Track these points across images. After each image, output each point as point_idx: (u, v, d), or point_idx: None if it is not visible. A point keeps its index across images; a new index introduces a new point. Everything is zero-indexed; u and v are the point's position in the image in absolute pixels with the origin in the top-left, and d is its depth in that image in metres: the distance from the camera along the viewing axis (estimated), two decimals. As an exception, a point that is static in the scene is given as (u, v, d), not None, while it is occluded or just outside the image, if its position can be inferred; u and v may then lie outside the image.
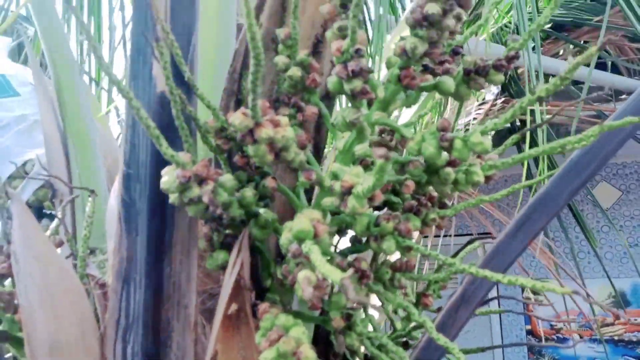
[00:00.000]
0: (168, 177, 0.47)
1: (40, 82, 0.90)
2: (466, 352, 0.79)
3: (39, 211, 0.94)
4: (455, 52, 0.60)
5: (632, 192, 3.06)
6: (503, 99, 2.04)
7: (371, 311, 0.94)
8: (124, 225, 0.59)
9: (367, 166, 0.69)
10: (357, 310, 0.61)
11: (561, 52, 2.70)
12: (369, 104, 0.61)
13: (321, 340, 0.85)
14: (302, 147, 0.63)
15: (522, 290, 3.29)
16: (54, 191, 0.86)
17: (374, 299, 0.71)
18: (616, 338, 2.93)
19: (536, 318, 2.94)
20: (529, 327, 3.21)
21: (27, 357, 0.55)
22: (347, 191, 0.48)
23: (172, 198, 0.49)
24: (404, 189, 0.61)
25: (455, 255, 0.84)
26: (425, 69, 0.58)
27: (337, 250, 0.68)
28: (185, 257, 0.62)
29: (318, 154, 0.74)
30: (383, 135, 0.68)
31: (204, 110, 0.60)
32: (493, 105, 1.97)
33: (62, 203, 0.70)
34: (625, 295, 2.86)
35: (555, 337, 2.87)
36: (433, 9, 0.45)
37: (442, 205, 0.70)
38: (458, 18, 0.50)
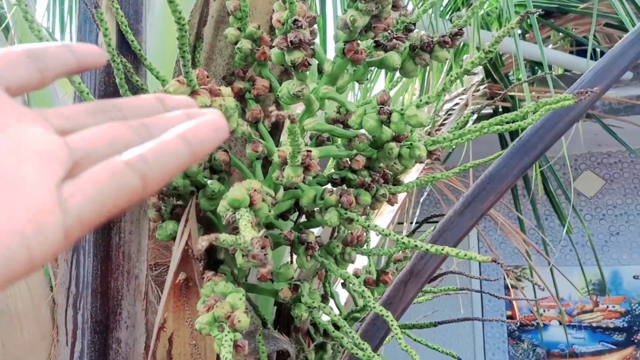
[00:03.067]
0: (106, 144, 0.47)
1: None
2: (418, 327, 0.81)
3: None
4: (408, 29, 0.61)
5: (616, 181, 3.09)
6: (486, 84, 2.05)
7: (338, 289, 0.95)
8: (73, 194, 0.59)
9: (322, 142, 0.70)
10: (304, 283, 0.63)
11: (551, 37, 2.69)
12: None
13: (283, 315, 0.86)
14: (255, 120, 0.64)
15: (506, 276, 3.33)
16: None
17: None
18: (594, 324, 2.98)
19: (514, 302, 2.99)
20: (509, 312, 3.25)
21: (-25, 320, 0.57)
22: (284, 161, 0.49)
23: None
24: (354, 164, 0.62)
25: (411, 234, 0.85)
26: (377, 45, 0.58)
27: (296, 224, 0.69)
28: (135, 228, 0.63)
29: (278, 128, 0.74)
30: (340, 110, 0.69)
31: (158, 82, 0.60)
32: (476, 90, 1.98)
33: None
34: (605, 283, 2.91)
35: (535, 323, 2.92)
36: (369, -19, 0.45)
37: (397, 183, 0.71)
38: (399, -8, 0.50)
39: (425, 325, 0.79)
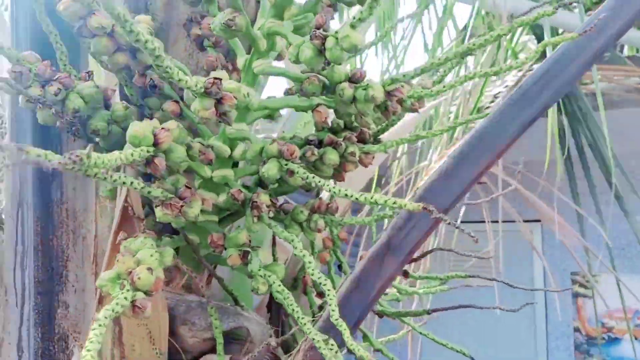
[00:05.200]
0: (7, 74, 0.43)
1: None
2: (412, 314, 0.71)
3: None
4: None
5: None
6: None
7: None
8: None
9: (291, 93, 0.62)
10: (256, 250, 0.55)
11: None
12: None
13: (274, 301, 0.80)
14: (210, 68, 0.58)
15: (573, 283, 3.05)
16: None
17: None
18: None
19: (582, 313, 2.70)
20: (577, 323, 2.96)
21: None
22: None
23: (21, 101, 0.45)
24: (315, 116, 0.54)
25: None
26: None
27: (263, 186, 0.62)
28: (80, 185, 0.58)
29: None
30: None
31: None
32: (529, 70, 1.79)
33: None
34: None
35: (606, 337, 2.63)
36: None
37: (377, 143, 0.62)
38: None
39: (420, 312, 0.69)
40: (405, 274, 0.80)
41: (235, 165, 0.61)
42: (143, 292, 0.41)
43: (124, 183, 0.36)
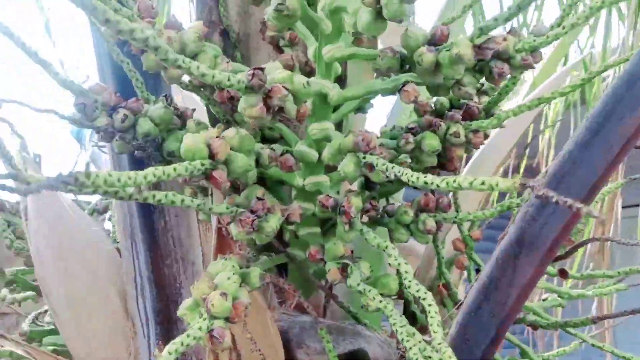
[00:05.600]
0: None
1: None
2: (571, 325, 0.56)
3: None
4: None
5: None
6: None
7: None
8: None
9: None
10: (358, 262, 0.48)
11: None
12: None
13: (407, 312, 0.73)
14: (288, 68, 0.53)
15: None
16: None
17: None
18: None
19: None
20: None
21: (49, 308, 0.59)
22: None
23: (97, 136, 0.45)
24: (403, 97, 0.46)
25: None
26: None
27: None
28: (181, 211, 0.58)
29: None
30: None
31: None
32: None
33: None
34: None
35: None
36: None
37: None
38: None
39: (582, 321, 0.54)
40: (563, 274, 0.65)
41: (333, 170, 0.56)
42: (223, 320, 0.37)
43: (159, 201, 0.32)
